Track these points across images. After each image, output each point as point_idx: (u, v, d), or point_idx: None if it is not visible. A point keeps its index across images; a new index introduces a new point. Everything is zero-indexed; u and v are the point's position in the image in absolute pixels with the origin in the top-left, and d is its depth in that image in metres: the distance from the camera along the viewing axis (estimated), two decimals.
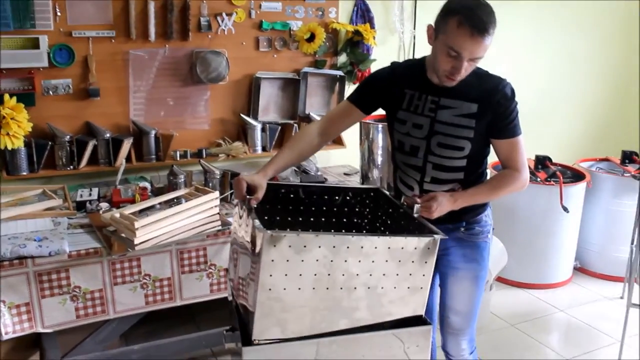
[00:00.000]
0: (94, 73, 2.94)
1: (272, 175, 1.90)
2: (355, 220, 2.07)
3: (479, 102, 1.92)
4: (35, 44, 2.80)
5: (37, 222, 2.50)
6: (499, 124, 1.94)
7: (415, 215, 1.81)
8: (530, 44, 4.20)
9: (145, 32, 2.99)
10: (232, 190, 2.93)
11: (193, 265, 2.50)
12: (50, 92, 2.90)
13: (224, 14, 3.14)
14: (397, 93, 2.03)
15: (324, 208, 2.04)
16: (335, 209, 2.05)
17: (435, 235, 1.63)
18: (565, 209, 3.47)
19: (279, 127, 3.40)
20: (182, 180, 2.86)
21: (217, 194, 2.60)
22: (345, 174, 3.49)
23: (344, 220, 2.06)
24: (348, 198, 2.06)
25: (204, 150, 3.22)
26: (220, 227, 2.54)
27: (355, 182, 3.29)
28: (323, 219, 2.04)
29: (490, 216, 2.15)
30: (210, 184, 2.92)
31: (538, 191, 3.57)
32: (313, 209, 2.03)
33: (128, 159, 3.05)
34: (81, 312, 2.35)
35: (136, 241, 2.31)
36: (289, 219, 2.01)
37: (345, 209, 2.05)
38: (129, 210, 2.48)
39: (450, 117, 1.95)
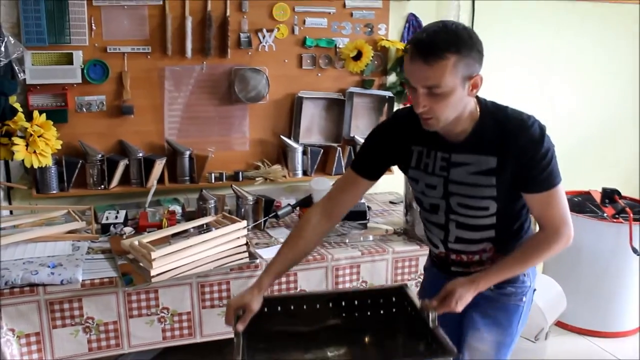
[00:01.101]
0: (128, 90, 2.84)
1: (268, 286, 1.70)
2: (377, 327, 1.82)
3: (498, 154, 1.58)
4: (69, 60, 2.72)
5: (57, 245, 2.39)
6: (526, 176, 1.58)
7: (432, 325, 1.58)
8: (592, 61, 3.84)
9: (182, 48, 2.86)
10: (266, 217, 2.75)
11: (215, 300, 2.32)
12: (84, 109, 2.82)
13: (264, 30, 2.98)
14: (403, 150, 1.75)
15: (344, 314, 1.81)
16: (356, 314, 1.82)
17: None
18: (635, 251, 3.11)
19: (322, 150, 3.21)
20: (213, 205, 2.69)
21: (244, 223, 2.42)
22: (391, 202, 3.25)
23: (366, 327, 1.82)
24: (369, 302, 1.82)
25: (240, 173, 3.06)
26: (246, 260, 2.35)
27: (399, 211, 3.04)
28: (342, 326, 1.81)
29: (531, 276, 1.81)
30: (243, 210, 2.74)
31: (605, 229, 3.22)
32: (331, 318, 1.81)
33: (161, 179, 2.92)
34: (94, 344, 2.20)
35: (152, 272, 2.15)
36: (305, 329, 1.79)
37: (368, 313, 1.81)
38: (150, 237, 2.34)
39: (465, 175, 1.64)
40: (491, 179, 1.60)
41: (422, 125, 1.58)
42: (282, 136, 3.14)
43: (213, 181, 3.01)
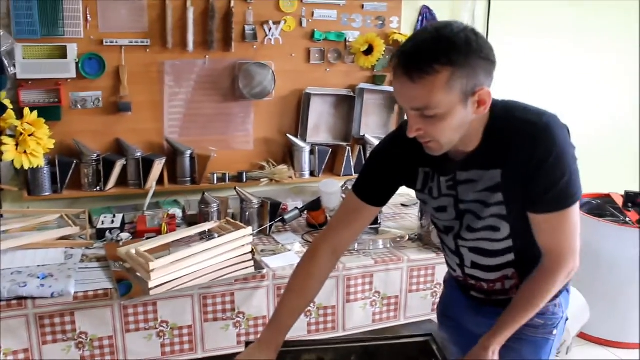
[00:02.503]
0: (125, 85, 2.67)
1: (283, 340, 1.48)
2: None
3: (502, 165, 1.32)
4: (63, 53, 2.55)
5: (49, 252, 2.23)
6: (530, 192, 1.30)
7: None
8: (616, 59, 3.70)
9: (184, 41, 2.69)
10: (272, 222, 2.59)
11: (218, 313, 2.16)
12: (79, 106, 2.65)
13: (271, 22, 2.81)
14: (409, 171, 1.51)
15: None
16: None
17: None
18: None
19: (330, 150, 3.05)
20: (215, 209, 2.53)
21: (249, 230, 2.25)
22: (402, 204, 3.09)
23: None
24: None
25: (244, 174, 2.89)
26: (252, 271, 2.19)
27: (413, 215, 2.87)
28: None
29: (564, 305, 1.56)
30: (247, 214, 2.58)
31: (627, 235, 3.04)
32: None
33: (160, 180, 2.76)
34: None
35: (151, 284, 1.99)
36: None
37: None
38: (148, 245, 2.18)
39: (473, 193, 1.39)
40: (498, 196, 1.35)
41: (425, 150, 1.35)
42: (288, 135, 2.97)
43: (215, 182, 2.85)
